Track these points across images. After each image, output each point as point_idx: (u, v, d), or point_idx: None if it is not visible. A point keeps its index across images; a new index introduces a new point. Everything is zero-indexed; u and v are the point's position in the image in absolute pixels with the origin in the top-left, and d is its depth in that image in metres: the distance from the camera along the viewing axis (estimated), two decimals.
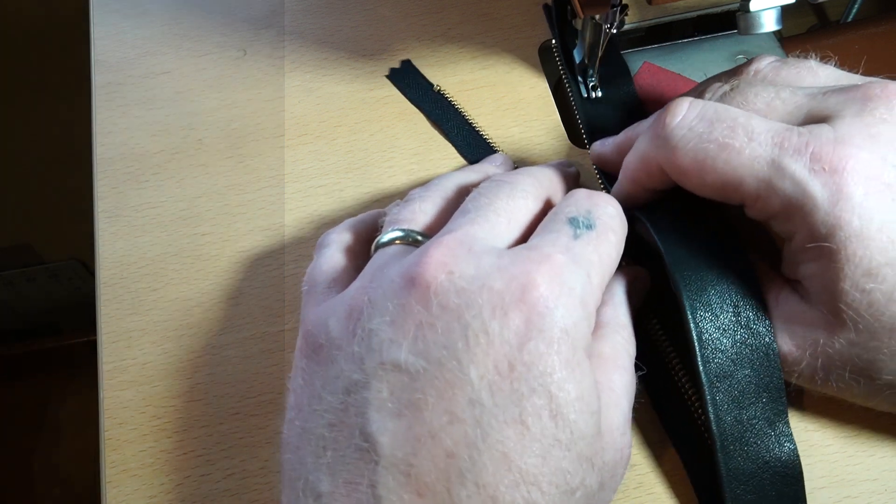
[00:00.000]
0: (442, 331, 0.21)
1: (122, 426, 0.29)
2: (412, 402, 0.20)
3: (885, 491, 0.26)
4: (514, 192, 0.25)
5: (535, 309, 0.21)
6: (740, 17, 0.29)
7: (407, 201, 0.28)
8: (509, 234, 0.24)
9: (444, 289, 0.21)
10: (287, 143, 0.36)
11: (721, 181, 0.24)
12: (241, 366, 0.30)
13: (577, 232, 0.23)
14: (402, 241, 0.25)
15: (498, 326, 0.20)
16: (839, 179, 0.22)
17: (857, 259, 0.22)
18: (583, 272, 0.22)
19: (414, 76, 0.38)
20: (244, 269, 0.32)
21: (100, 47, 0.40)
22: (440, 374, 0.20)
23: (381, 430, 0.20)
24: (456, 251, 0.22)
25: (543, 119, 0.36)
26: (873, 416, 0.27)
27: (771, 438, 0.25)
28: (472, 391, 0.20)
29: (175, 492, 0.28)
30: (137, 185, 0.35)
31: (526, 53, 0.39)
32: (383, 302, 0.22)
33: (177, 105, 0.37)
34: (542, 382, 0.20)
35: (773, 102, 0.26)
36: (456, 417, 0.20)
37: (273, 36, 0.40)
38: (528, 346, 0.20)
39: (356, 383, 0.21)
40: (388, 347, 0.21)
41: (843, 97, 0.24)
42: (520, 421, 0.20)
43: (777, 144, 0.23)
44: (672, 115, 0.25)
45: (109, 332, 0.31)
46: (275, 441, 0.28)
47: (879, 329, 0.23)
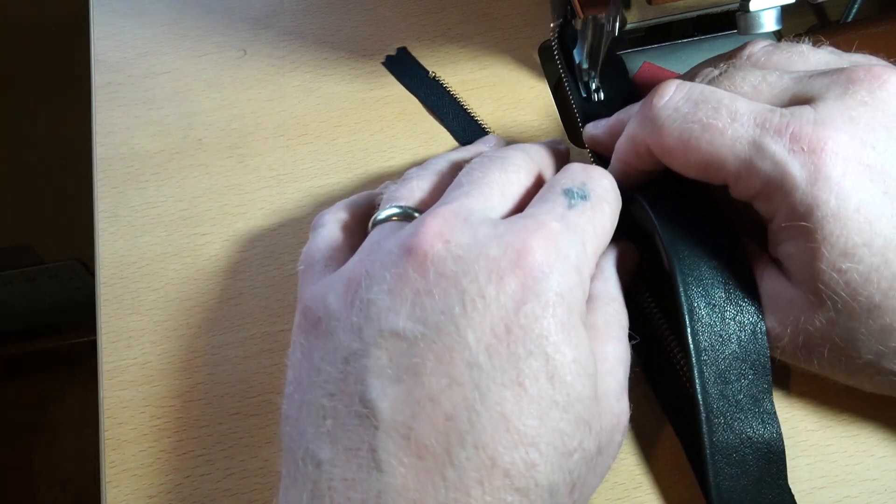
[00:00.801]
0: (439, 297, 0.21)
1: (122, 426, 0.29)
2: (411, 368, 0.20)
3: (885, 491, 0.26)
4: (506, 166, 0.26)
5: (531, 274, 0.21)
6: (740, 17, 0.29)
7: (403, 180, 0.28)
8: (503, 206, 0.25)
9: (440, 257, 0.21)
10: (287, 143, 0.36)
11: (704, 161, 0.25)
12: (241, 366, 0.30)
13: (571, 202, 0.24)
14: (399, 217, 0.26)
15: (494, 291, 0.21)
16: (817, 160, 0.23)
17: (834, 239, 0.23)
18: (577, 240, 0.23)
19: (409, 63, 0.38)
20: (244, 269, 0.32)
21: (100, 47, 0.40)
22: (438, 339, 0.21)
23: (380, 395, 0.20)
24: (452, 221, 0.22)
25: (543, 119, 0.36)
26: (874, 416, 0.27)
27: (755, 416, 0.25)
28: (469, 355, 0.20)
29: (175, 492, 0.28)
30: (137, 185, 0.35)
31: (526, 53, 0.39)
32: (381, 272, 0.22)
33: (177, 105, 0.37)
34: (539, 345, 0.21)
35: (760, 86, 0.26)
36: (455, 381, 0.20)
37: (273, 36, 0.40)
38: (524, 310, 0.21)
39: (355, 352, 0.21)
40: (386, 316, 0.21)
41: (827, 80, 0.25)
42: (517, 383, 0.20)
43: (759, 125, 0.24)
44: (659, 97, 0.26)
45: (109, 332, 0.31)
46: (275, 441, 0.28)
47: (857, 309, 0.23)
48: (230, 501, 0.27)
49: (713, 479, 0.24)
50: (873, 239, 0.22)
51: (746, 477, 0.25)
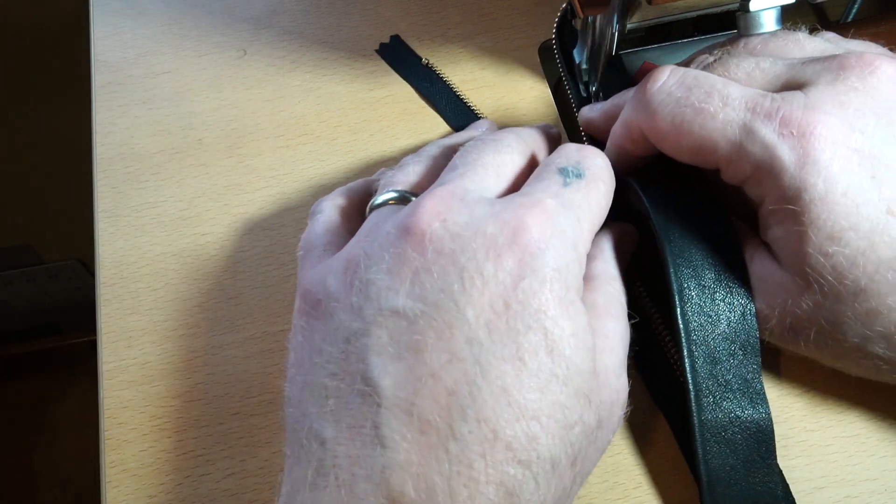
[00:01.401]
0: (438, 275, 0.21)
1: (122, 426, 0.29)
2: (412, 345, 0.21)
3: (885, 491, 0.26)
4: (500, 148, 0.26)
5: (528, 250, 0.21)
6: (740, 17, 0.29)
7: (400, 166, 0.28)
8: (498, 186, 0.25)
9: (438, 235, 0.22)
10: (287, 143, 0.36)
11: (696, 145, 0.25)
12: (241, 366, 0.30)
13: (567, 180, 0.24)
14: (396, 201, 0.26)
15: (492, 268, 0.21)
16: (806, 143, 0.23)
17: (821, 222, 0.23)
18: (573, 216, 0.23)
19: (403, 51, 0.38)
20: (244, 269, 0.32)
21: (100, 47, 0.40)
22: (438, 315, 0.21)
23: (382, 373, 0.21)
24: (448, 201, 0.23)
25: (543, 119, 0.36)
26: (874, 415, 0.27)
27: (745, 396, 0.25)
28: (469, 330, 0.21)
29: (175, 492, 0.28)
30: (137, 185, 0.35)
31: (526, 53, 0.39)
32: (379, 252, 0.22)
33: (177, 105, 0.37)
34: (538, 319, 0.21)
35: (753, 72, 0.26)
36: (455, 356, 0.20)
37: (273, 36, 0.40)
38: (521, 285, 0.21)
39: (356, 332, 0.22)
40: (385, 295, 0.21)
41: (819, 66, 0.25)
42: (517, 357, 0.20)
43: (749, 109, 0.24)
44: (653, 81, 0.26)
45: (109, 332, 0.31)
46: (275, 441, 0.28)
47: (843, 292, 0.23)
48: (230, 501, 0.27)
49: (702, 457, 0.25)
50: (860, 223, 0.23)
51: (735, 456, 0.25)
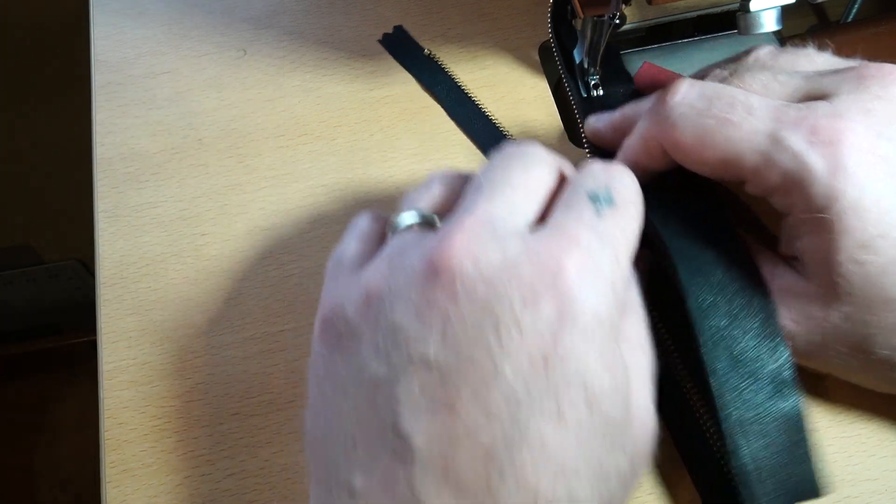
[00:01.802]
0: (471, 325, 0.20)
1: (122, 426, 0.29)
2: (445, 400, 0.20)
3: (885, 491, 0.26)
4: (528, 163, 0.25)
5: (567, 295, 0.20)
6: (740, 17, 0.29)
7: (424, 185, 0.27)
8: (528, 207, 0.24)
9: (470, 279, 0.20)
10: (287, 143, 0.36)
11: (721, 156, 0.25)
12: (241, 366, 0.30)
13: (598, 208, 0.23)
14: (419, 224, 0.25)
15: (530, 319, 0.20)
16: (836, 151, 0.23)
17: (853, 230, 0.23)
18: (610, 252, 0.22)
19: (406, 41, 0.38)
20: (244, 269, 0.32)
21: (100, 47, 0.40)
22: (472, 369, 0.20)
23: (414, 428, 0.20)
24: (479, 235, 0.21)
25: (543, 119, 0.36)
26: (874, 415, 0.27)
27: (772, 387, 0.24)
28: (506, 387, 0.20)
29: (175, 492, 0.28)
30: (137, 185, 0.35)
31: (526, 53, 0.39)
32: (406, 292, 0.21)
33: (177, 105, 0.37)
34: (578, 372, 0.20)
35: (771, 84, 0.26)
36: (492, 415, 0.19)
37: (273, 36, 0.40)
38: (561, 337, 0.20)
39: (384, 379, 0.21)
40: (415, 342, 0.20)
41: (839, 77, 0.25)
42: (557, 414, 0.20)
43: (775, 119, 0.24)
44: (672, 94, 0.26)
45: (109, 332, 0.31)
46: (275, 441, 0.28)
47: (874, 302, 0.23)
48: (230, 501, 0.27)
49: (734, 452, 0.24)
50: (891, 230, 0.22)
51: (774, 447, 0.24)
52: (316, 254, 0.33)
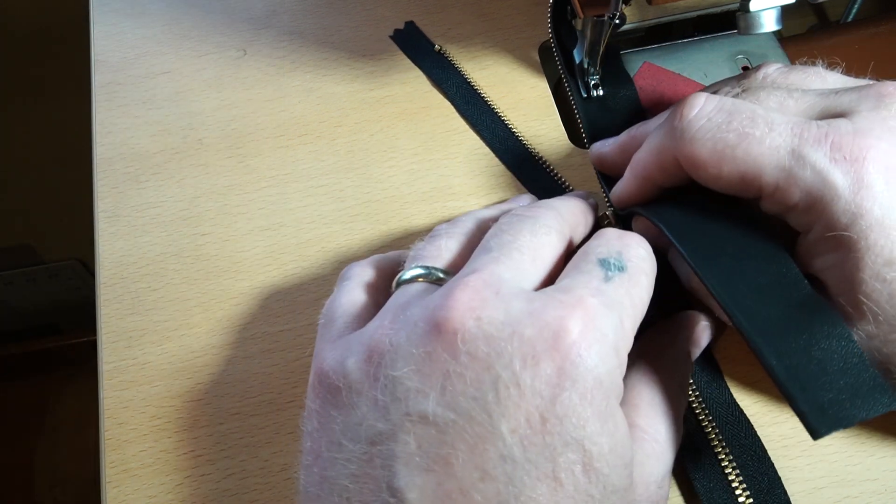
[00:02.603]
0: (471, 381, 0.20)
1: (122, 426, 0.29)
2: (441, 457, 0.20)
3: (885, 491, 0.26)
4: (537, 228, 0.25)
5: (568, 357, 0.20)
6: (740, 17, 0.29)
7: (431, 237, 0.27)
8: (535, 272, 0.24)
9: (472, 336, 0.20)
10: (287, 143, 0.36)
11: (740, 171, 0.24)
12: (241, 366, 0.30)
13: (608, 274, 0.23)
14: (425, 278, 0.24)
15: (529, 378, 0.20)
16: (860, 168, 0.22)
17: (879, 248, 0.22)
18: (615, 317, 0.21)
19: (416, 37, 0.39)
20: (244, 269, 0.32)
21: (100, 47, 0.40)
22: (470, 427, 0.20)
23: (409, 485, 0.19)
24: (483, 294, 0.21)
25: (543, 119, 0.36)
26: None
27: (817, 322, 0.23)
28: (503, 446, 0.19)
29: (175, 492, 0.28)
30: (137, 185, 0.35)
31: (526, 53, 0.39)
32: (407, 347, 0.21)
33: (177, 105, 0.37)
34: (576, 436, 0.20)
35: (786, 102, 0.26)
36: (487, 474, 0.19)
37: (273, 36, 0.40)
38: (560, 398, 0.20)
39: (381, 434, 0.20)
40: (414, 398, 0.20)
41: (857, 95, 0.25)
42: (553, 477, 0.19)
43: (797, 135, 0.23)
44: (690, 107, 0.25)
45: (109, 332, 0.31)
46: (275, 441, 0.28)
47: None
48: (230, 501, 0.27)
49: (812, 394, 0.22)
50: None
51: (838, 381, 0.22)
52: (316, 254, 0.33)
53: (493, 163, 0.35)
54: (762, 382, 0.28)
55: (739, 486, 0.26)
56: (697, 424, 0.27)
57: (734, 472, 0.26)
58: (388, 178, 0.35)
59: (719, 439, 0.27)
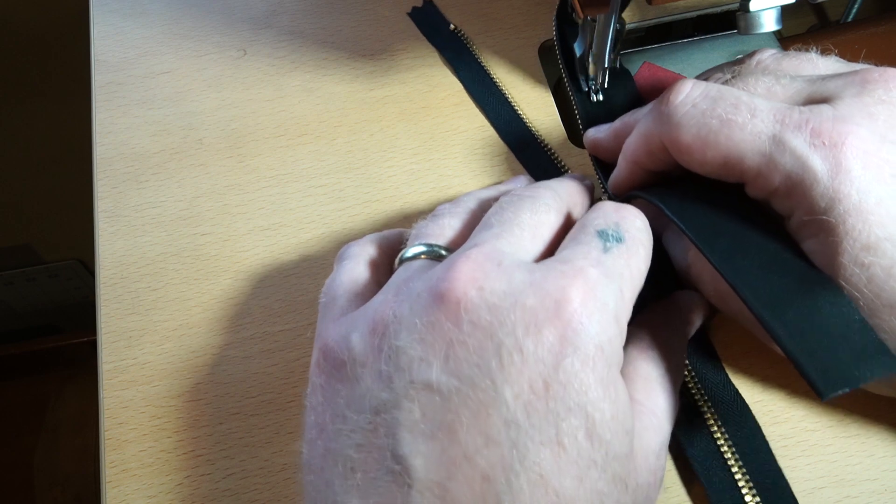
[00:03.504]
0: (474, 349, 0.20)
1: (122, 426, 0.29)
2: (446, 424, 0.20)
3: (885, 491, 0.26)
4: (537, 206, 0.25)
5: (570, 325, 0.20)
6: (740, 17, 0.29)
7: (433, 217, 0.27)
8: (534, 247, 0.24)
9: (474, 305, 0.21)
10: (287, 143, 0.36)
11: (723, 157, 0.24)
12: (241, 366, 0.30)
13: (607, 245, 0.23)
14: (427, 255, 0.25)
15: (532, 345, 0.20)
16: (838, 154, 0.23)
17: (856, 233, 0.22)
18: (615, 286, 0.22)
19: (433, 15, 0.40)
20: (244, 268, 0.33)
21: (100, 47, 0.40)
22: (474, 394, 0.20)
23: (413, 452, 0.20)
24: (484, 265, 0.21)
25: (543, 119, 0.36)
26: (874, 416, 0.27)
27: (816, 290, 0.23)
28: (507, 412, 0.20)
29: (175, 492, 0.28)
30: (137, 185, 0.35)
31: (526, 53, 0.39)
32: (410, 318, 0.21)
33: (177, 105, 0.37)
34: (578, 401, 0.20)
35: (774, 88, 0.26)
36: (491, 439, 0.19)
37: (273, 36, 0.40)
38: (563, 364, 0.20)
39: (385, 403, 0.21)
40: (418, 366, 0.20)
41: (842, 81, 0.25)
42: (556, 442, 0.19)
43: (778, 121, 0.24)
44: (676, 94, 0.26)
45: (109, 332, 0.31)
46: (275, 441, 0.28)
47: (879, 305, 0.23)
48: (230, 501, 0.27)
49: (811, 359, 0.22)
50: (895, 233, 0.22)
51: (842, 345, 0.23)
52: (315, 253, 0.33)
53: (493, 162, 0.35)
54: (763, 382, 0.28)
55: (732, 457, 0.26)
56: (692, 402, 0.28)
57: (726, 443, 0.27)
58: (388, 178, 0.35)
59: (712, 413, 0.27)
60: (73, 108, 0.77)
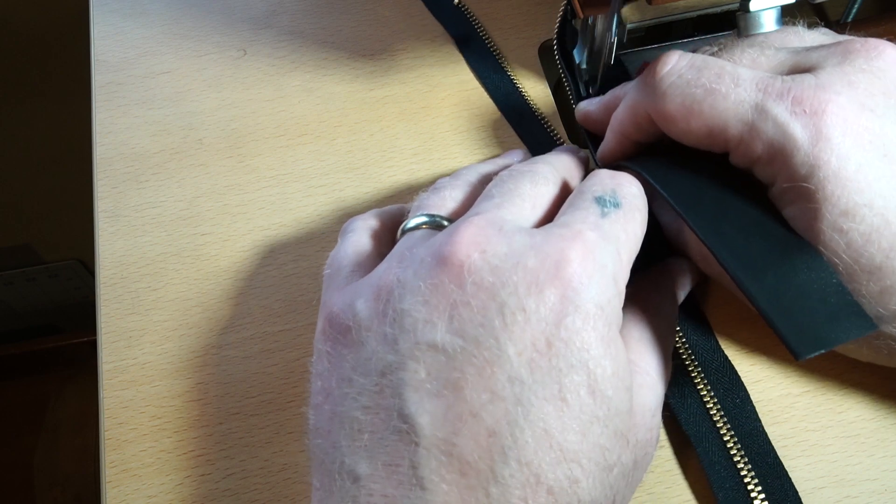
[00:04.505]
0: (477, 309, 0.21)
1: (122, 426, 0.29)
2: (451, 382, 0.20)
3: (885, 491, 0.26)
4: (537, 179, 0.26)
5: (570, 285, 0.21)
6: (740, 17, 0.29)
7: (434, 189, 0.28)
8: (534, 216, 0.25)
9: (477, 267, 0.21)
10: (287, 143, 0.36)
11: (707, 126, 0.25)
12: (241, 366, 0.30)
13: (604, 210, 0.24)
14: (429, 225, 0.25)
15: (534, 303, 0.20)
16: (818, 121, 0.23)
17: (835, 199, 0.23)
18: (613, 249, 0.22)
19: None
20: (244, 269, 0.32)
21: (100, 47, 0.40)
22: (478, 352, 0.20)
23: (420, 410, 0.20)
24: (486, 230, 0.22)
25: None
26: (874, 415, 0.27)
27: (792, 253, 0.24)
28: (511, 369, 0.20)
29: (175, 492, 0.28)
30: (137, 185, 0.35)
31: (526, 53, 0.39)
32: (414, 281, 0.22)
33: (177, 105, 0.37)
34: (580, 358, 0.20)
35: (759, 58, 0.26)
36: (496, 395, 0.20)
37: (273, 36, 0.40)
38: (564, 322, 0.20)
39: (391, 364, 0.21)
40: (422, 327, 0.21)
41: (825, 51, 0.25)
42: (560, 397, 0.20)
43: (761, 90, 0.24)
44: (663, 64, 0.26)
45: (109, 332, 0.31)
46: (275, 441, 0.28)
47: (858, 270, 0.23)
48: (230, 501, 0.27)
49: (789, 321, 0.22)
50: (874, 199, 0.23)
51: (819, 308, 0.23)
52: (316, 254, 0.33)
53: None
54: (762, 382, 0.28)
55: (724, 425, 0.27)
56: (682, 366, 0.28)
57: (718, 413, 0.27)
58: (388, 177, 0.35)
59: (702, 378, 0.28)
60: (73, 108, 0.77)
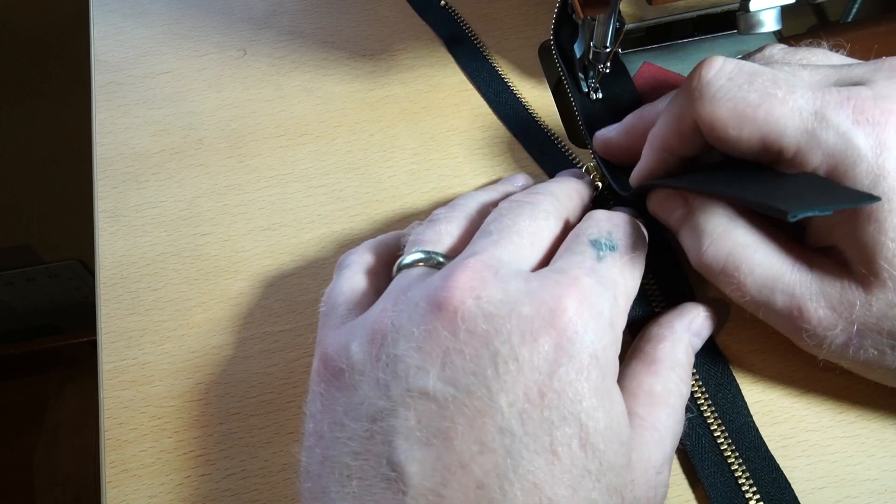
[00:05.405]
0: (470, 357, 0.20)
1: (122, 426, 0.29)
2: (441, 431, 0.20)
3: (885, 491, 0.26)
4: (536, 213, 0.25)
5: (565, 334, 0.20)
6: (740, 16, 0.29)
7: (430, 222, 0.27)
8: (533, 255, 0.24)
9: (471, 314, 0.21)
10: (287, 143, 0.36)
11: (761, 132, 0.24)
12: (241, 366, 0.30)
13: (600, 254, 0.23)
14: (426, 262, 0.25)
15: (528, 353, 0.20)
16: (882, 132, 0.22)
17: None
18: (610, 294, 0.22)
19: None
20: (244, 269, 0.32)
21: (100, 47, 0.40)
22: (469, 401, 0.20)
23: (409, 459, 0.20)
24: (482, 274, 0.22)
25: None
26: (874, 415, 0.27)
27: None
28: (502, 419, 0.20)
29: (175, 492, 0.28)
30: (137, 185, 0.35)
31: (526, 53, 0.39)
32: (408, 326, 0.21)
33: (177, 105, 0.37)
34: (573, 410, 0.20)
35: (800, 73, 0.25)
36: (486, 447, 0.19)
37: (273, 36, 0.40)
38: (558, 373, 0.20)
39: (382, 411, 0.21)
40: (415, 374, 0.21)
41: (871, 67, 0.25)
42: (550, 450, 0.20)
43: (819, 98, 0.23)
44: (709, 68, 0.25)
45: (109, 332, 0.31)
46: (275, 441, 0.28)
47: None
48: (230, 501, 0.27)
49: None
50: None
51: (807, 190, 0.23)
52: (316, 254, 0.33)
53: (494, 162, 0.35)
54: (762, 382, 0.28)
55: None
56: (699, 414, 0.27)
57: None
58: (388, 178, 0.35)
59: (721, 430, 0.27)
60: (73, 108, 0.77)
